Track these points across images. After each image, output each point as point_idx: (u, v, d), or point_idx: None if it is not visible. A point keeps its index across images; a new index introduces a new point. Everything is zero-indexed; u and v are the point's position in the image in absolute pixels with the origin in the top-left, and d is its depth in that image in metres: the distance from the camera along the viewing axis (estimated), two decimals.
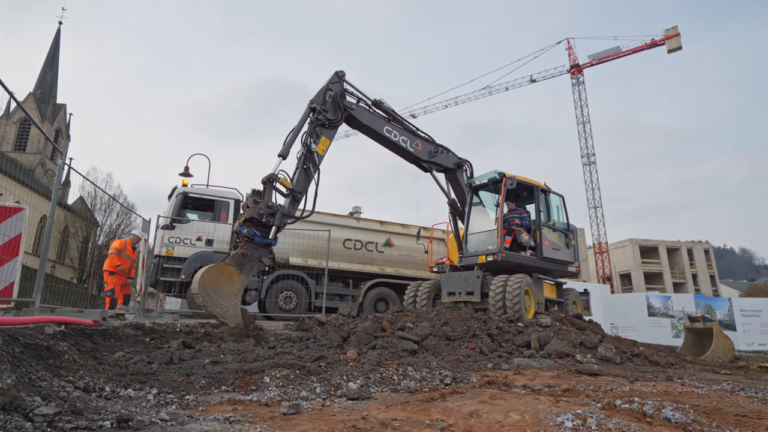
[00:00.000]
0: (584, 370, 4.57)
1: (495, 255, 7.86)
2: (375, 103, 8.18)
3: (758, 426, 2.46)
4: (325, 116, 7.23)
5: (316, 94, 7.32)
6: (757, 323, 16.51)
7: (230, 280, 5.61)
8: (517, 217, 8.64)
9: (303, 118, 6.99)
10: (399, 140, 8.40)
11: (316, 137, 7.09)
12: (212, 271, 5.46)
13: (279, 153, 6.53)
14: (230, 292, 5.58)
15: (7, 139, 43.19)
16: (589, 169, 41.33)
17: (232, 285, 5.62)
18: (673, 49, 39.22)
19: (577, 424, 2.29)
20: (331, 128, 7.41)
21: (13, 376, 2.30)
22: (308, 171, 6.88)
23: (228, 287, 5.56)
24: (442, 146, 9.02)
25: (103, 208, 36.42)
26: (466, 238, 8.72)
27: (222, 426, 2.19)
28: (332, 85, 7.49)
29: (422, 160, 8.78)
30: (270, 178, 6.30)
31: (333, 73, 7.62)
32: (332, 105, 7.42)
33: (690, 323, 9.86)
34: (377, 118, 8.19)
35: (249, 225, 6.01)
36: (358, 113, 7.83)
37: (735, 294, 51.47)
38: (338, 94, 7.50)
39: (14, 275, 5.89)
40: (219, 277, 5.50)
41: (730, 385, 4.20)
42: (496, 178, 8.52)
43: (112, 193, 36.82)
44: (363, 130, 8.15)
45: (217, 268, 5.55)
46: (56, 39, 49.77)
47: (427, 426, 2.31)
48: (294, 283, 10.44)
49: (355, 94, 7.86)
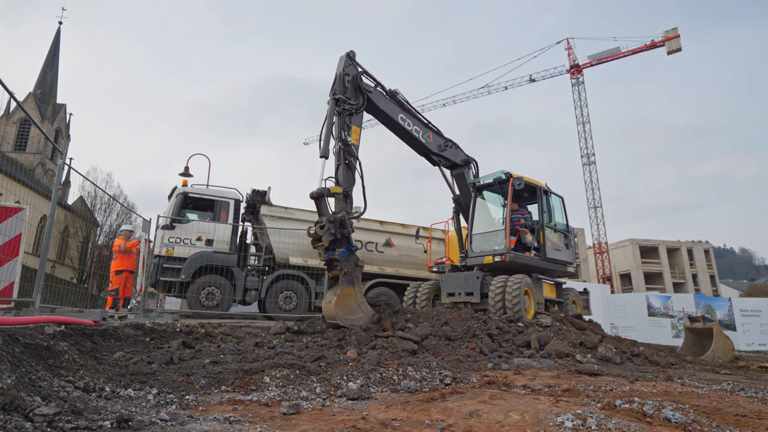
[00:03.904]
0: (584, 370, 4.56)
1: (503, 255, 7.84)
2: (390, 93, 8.16)
3: (758, 426, 2.45)
4: (350, 104, 7.13)
5: (335, 83, 7.14)
6: (757, 323, 16.51)
7: (352, 296, 6.39)
8: (522, 218, 8.64)
9: (330, 112, 6.88)
10: (412, 130, 8.41)
11: (348, 128, 7.02)
12: (339, 302, 6.25)
13: (320, 155, 6.53)
14: (357, 305, 6.44)
15: (7, 139, 43.18)
16: (589, 169, 41.36)
17: (354, 298, 6.42)
18: (673, 51, 39.23)
19: (577, 424, 2.29)
20: (358, 115, 7.33)
21: (13, 376, 2.30)
22: (350, 165, 6.86)
23: (353, 303, 6.38)
24: (451, 141, 9.05)
25: (103, 208, 36.45)
26: (470, 238, 8.70)
27: (222, 426, 2.19)
28: (347, 69, 7.31)
29: (432, 153, 8.79)
30: (321, 193, 6.47)
31: (344, 56, 7.39)
32: (353, 90, 7.31)
33: (690, 323, 9.85)
34: (393, 104, 8.18)
35: (331, 248, 6.43)
36: (376, 97, 7.77)
37: (735, 294, 51.46)
38: (356, 76, 7.36)
39: (14, 275, 5.88)
40: (345, 301, 6.30)
41: (730, 385, 4.20)
42: (501, 178, 8.51)
43: (112, 193, 36.87)
44: (378, 115, 8.08)
45: (341, 297, 6.29)
46: (56, 39, 49.77)
47: (427, 426, 2.31)
48: (294, 283, 10.43)
49: (371, 75, 7.76)
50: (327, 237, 6.29)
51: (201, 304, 9.54)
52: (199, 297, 9.57)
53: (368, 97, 7.57)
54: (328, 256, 6.41)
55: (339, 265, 6.39)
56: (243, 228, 11.23)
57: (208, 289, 9.66)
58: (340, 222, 6.40)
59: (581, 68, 42.64)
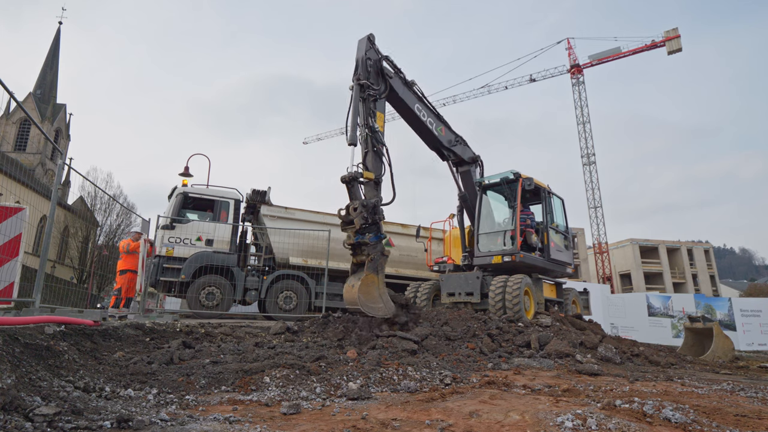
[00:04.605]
0: (584, 370, 4.56)
1: (513, 256, 7.82)
2: (408, 83, 8.10)
3: (758, 426, 2.45)
4: (374, 89, 7.01)
5: (358, 68, 6.96)
6: (757, 323, 16.51)
7: (375, 284, 6.21)
8: (527, 218, 8.65)
9: (355, 98, 6.73)
10: (426, 121, 8.39)
11: (373, 114, 6.91)
12: (363, 288, 6.06)
13: (349, 142, 6.39)
14: (378, 295, 6.23)
15: (7, 139, 43.17)
16: (589, 169, 41.30)
17: (377, 287, 6.23)
18: (674, 51, 39.16)
19: (577, 424, 2.29)
20: (381, 101, 7.23)
21: (13, 376, 2.30)
22: (378, 152, 6.80)
23: (375, 291, 6.20)
24: (461, 137, 9.04)
25: (103, 208, 36.44)
26: (477, 238, 8.68)
27: (222, 426, 2.18)
28: (369, 53, 7.14)
29: (443, 147, 8.77)
30: (354, 177, 6.33)
31: (365, 39, 7.20)
32: (375, 75, 7.19)
33: (690, 323, 9.86)
34: (410, 93, 8.12)
35: (362, 232, 6.30)
36: (396, 84, 7.68)
37: (735, 294, 51.47)
38: (378, 61, 7.23)
39: (14, 275, 5.87)
40: (368, 288, 6.12)
41: (730, 385, 4.20)
42: (509, 177, 8.50)
43: (112, 193, 36.86)
44: (396, 103, 7.98)
45: (365, 282, 6.10)
46: (56, 39, 49.78)
47: (427, 426, 2.31)
48: (294, 283, 10.43)
49: (392, 61, 7.66)
50: (359, 220, 6.16)
51: (201, 304, 9.54)
52: (199, 297, 9.57)
53: (389, 83, 7.44)
54: (358, 239, 6.28)
55: (366, 250, 6.25)
56: (243, 228, 11.23)
57: (208, 289, 9.66)
58: (373, 207, 6.33)
59: (582, 68, 42.57)
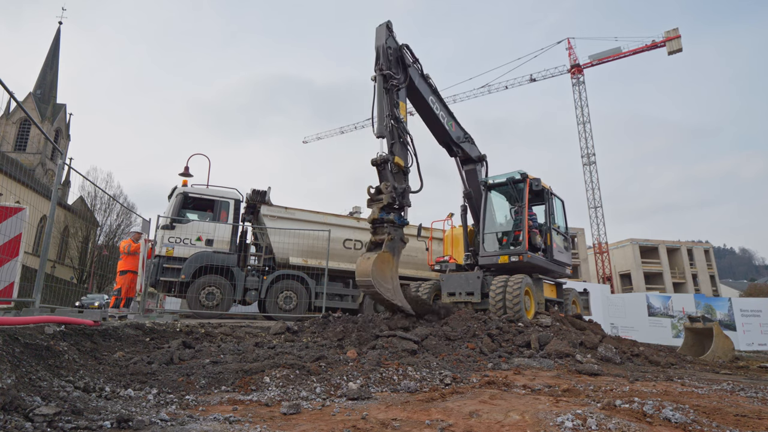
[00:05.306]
0: (584, 370, 4.56)
1: (521, 256, 7.82)
2: (423, 75, 8.07)
3: (758, 426, 2.45)
4: (396, 78, 6.95)
5: (379, 57, 6.86)
6: (757, 323, 16.51)
7: (389, 264, 6.07)
8: (531, 219, 8.65)
9: (379, 89, 6.69)
10: (439, 114, 8.40)
11: (396, 104, 6.87)
12: (377, 262, 5.88)
13: (377, 135, 6.38)
14: (391, 276, 6.10)
15: (7, 139, 43.20)
16: (590, 168, 41.31)
17: (390, 269, 6.11)
18: (674, 51, 39.17)
19: (577, 424, 2.29)
20: (402, 90, 7.17)
21: (13, 376, 2.30)
22: (404, 143, 6.80)
23: (388, 272, 6.06)
24: (469, 135, 9.06)
25: (103, 208, 36.50)
26: (482, 237, 8.68)
27: (222, 426, 2.18)
28: (389, 42, 7.05)
29: (453, 142, 8.76)
30: (385, 159, 6.28)
31: (383, 27, 7.08)
32: (396, 64, 7.13)
33: (690, 323, 9.86)
34: (425, 84, 8.10)
35: (387, 210, 6.23)
36: (413, 73, 7.62)
37: (735, 294, 51.47)
38: (398, 49, 7.14)
39: (14, 275, 5.87)
40: (382, 265, 5.98)
41: (730, 385, 4.20)
42: (516, 178, 8.49)
43: (112, 193, 36.91)
44: (412, 93, 7.87)
45: (380, 258, 5.95)
46: (56, 39, 49.81)
47: (427, 426, 2.31)
48: (294, 283, 10.43)
49: (410, 50, 7.59)
50: (388, 197, 6.16)
51: (201, 304, 9.55)
52: (199, 297, 9.57)
53: (408, 72, 7.39)
54: (382, 216, 6.27)
55: (387, 229, 6.24)
56: (243, 228, 11.24)
57: (208, 289, 9.66)
58: (402, 192, 6.37)
59: (582, 68, 42.60)
